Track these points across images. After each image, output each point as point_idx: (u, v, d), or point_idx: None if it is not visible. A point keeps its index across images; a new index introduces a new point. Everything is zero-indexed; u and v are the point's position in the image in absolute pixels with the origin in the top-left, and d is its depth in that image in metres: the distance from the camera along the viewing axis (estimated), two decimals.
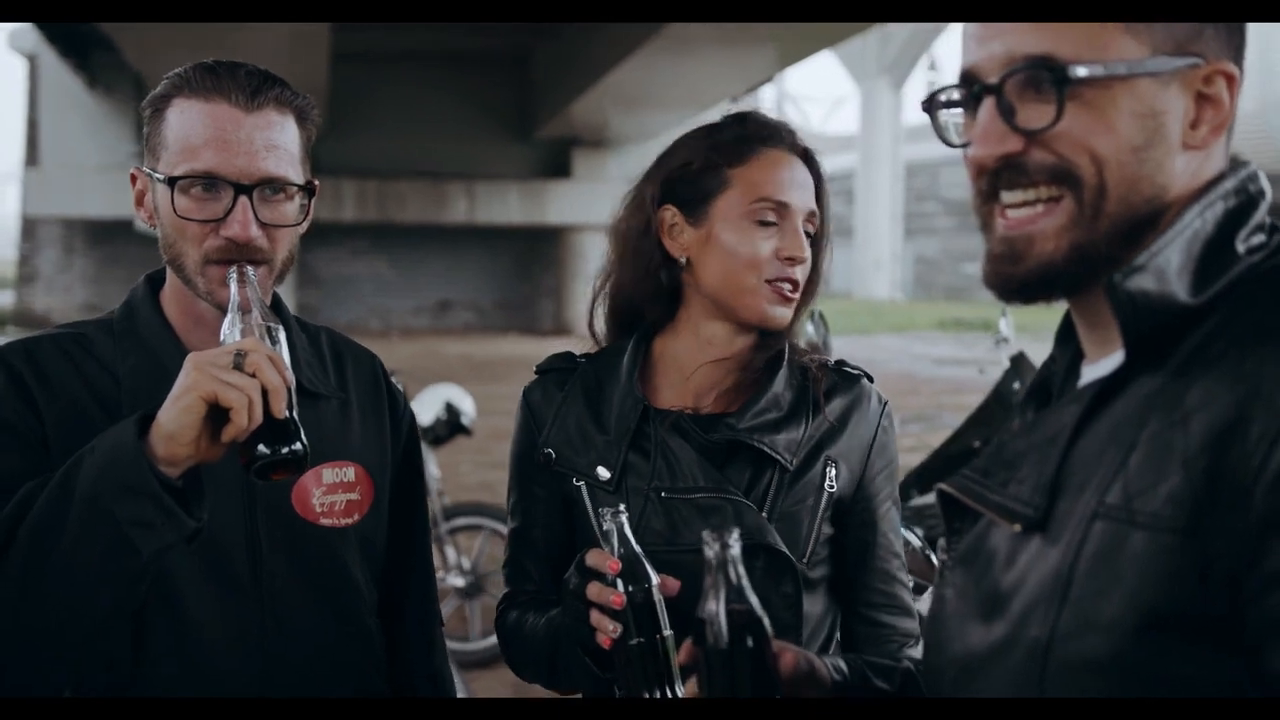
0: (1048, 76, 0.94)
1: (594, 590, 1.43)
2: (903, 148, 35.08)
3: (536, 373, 1.76)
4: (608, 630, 1.40)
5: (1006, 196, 0.98)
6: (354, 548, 1.63)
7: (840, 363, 1.72)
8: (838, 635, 1.70)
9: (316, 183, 1.59)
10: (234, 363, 1.31)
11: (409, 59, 20.96)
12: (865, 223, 36.36)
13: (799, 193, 1.63)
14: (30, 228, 23.44)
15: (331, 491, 1.61)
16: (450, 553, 5.44)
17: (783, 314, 1.63)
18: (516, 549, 1.74)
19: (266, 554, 1.55)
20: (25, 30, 22.10)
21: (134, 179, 1.59)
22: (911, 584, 1.75)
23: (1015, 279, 0.98)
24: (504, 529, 6.08)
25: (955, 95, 1.02)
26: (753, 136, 1.66)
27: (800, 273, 1.63)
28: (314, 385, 1.64)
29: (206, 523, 1.39)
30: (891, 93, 35.36)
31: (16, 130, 24.27)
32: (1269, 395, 0.83)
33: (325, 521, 1.60)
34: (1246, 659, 0.82)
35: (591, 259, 23.07)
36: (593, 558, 1.45)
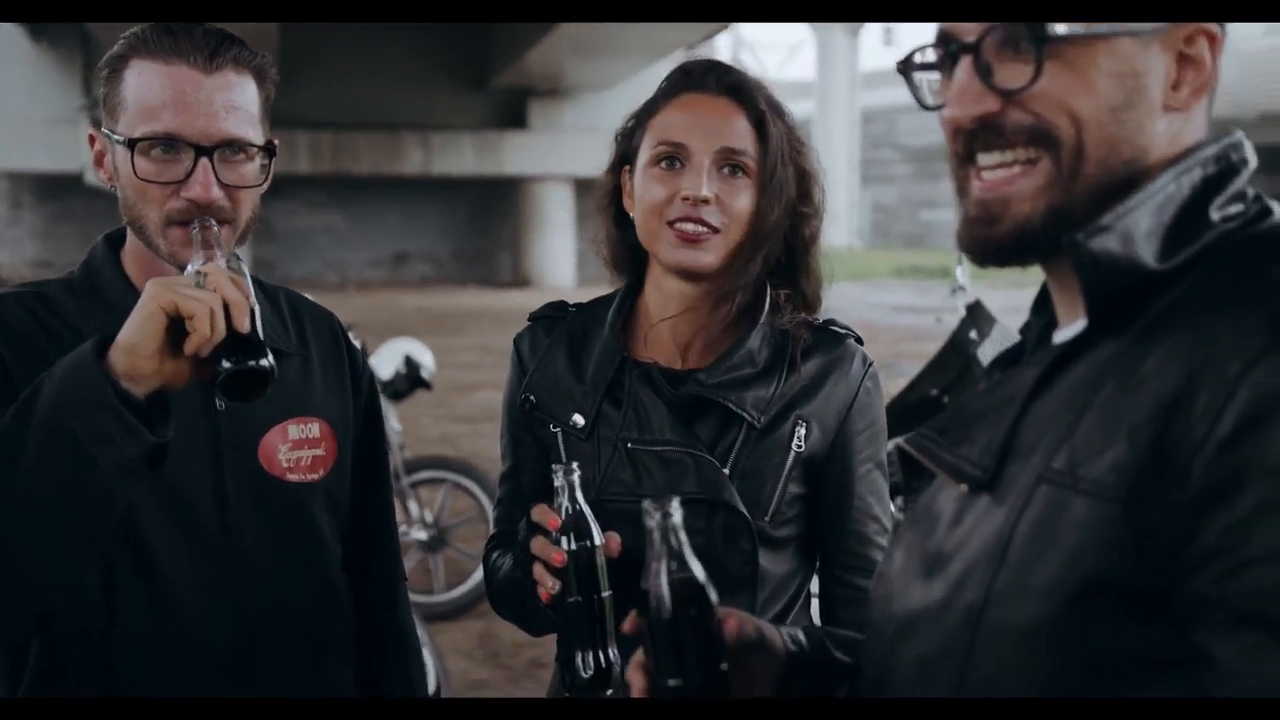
0: (1026, 34, 0.92)
1: (537, 545, 1.46)
2: (859, 94, 35.01)
3: (529, 319, 1.78)
4: (547, 585, 1.44)
5: (983, 159, 0.96)
6: (320, 503, 1.65)
7: (829, 321, 1.71)
8: (810, 596, 1.71)
9: (276, 143, 1.59)
10: (195, 281, 1.33)
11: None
12: (834, 169, 36.18)
13: (704, 132, 1.59)
14: None
15: (297, 447, 1.62)
16: (413, 506, 5.44)
17: (692, 257, 1.59)
18: (505, 492, 1.77)
19: (234, 509, 1.56)
20: None
21: (92, 140, 1.58)
22: None
23: (991, 242, 0.96)
24: (467, 483, 6.07)
25: (931, 56, 1.00)
26: (673, 85, 1.66)
27: (711, 214, 1.58)
28: (275, 342, 1.62)
29: (178, 489, 1.39)
30: (848, 39, 35.23)
31: None
32: (1219, 364, 0.80)
33: (292, 477, 1.62)
34: (1175, 635, 0.80)
35: (549, 210, 22.99)
36: (538, 513, 1.48)
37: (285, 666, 1.59)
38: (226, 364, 1.32)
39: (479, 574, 5.39)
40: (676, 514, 1.13)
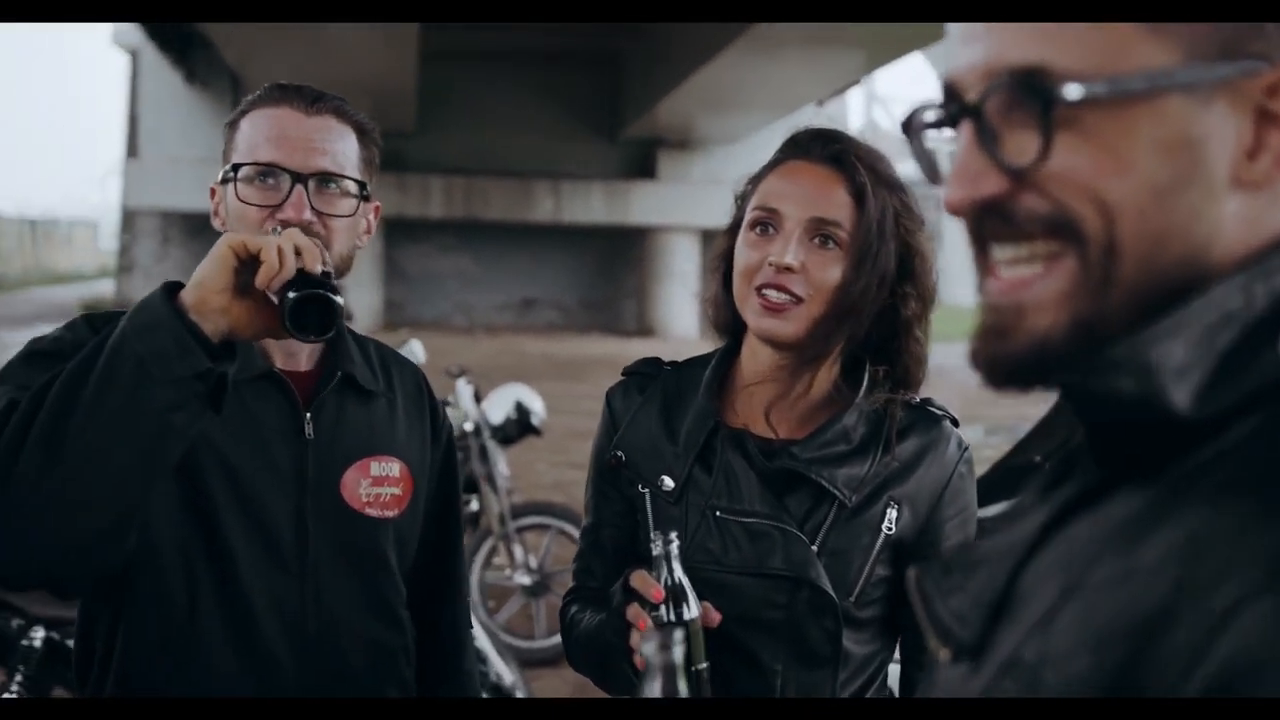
0: (1030, 97, 0.70)
1: (633, 613, 1.47)
2: None
3: (623, 375, 1.78)
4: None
5: (997, 252, 0.74)
6: (390, 540, 1.70)
7: (925, 401, 1.67)
8: (885, 679, 1.68)
9: (375, 204, 1.71)
10: (271, 230, 1.43)
11: (497, 58, 21.14)
12: (953, 227, 35.72)
13: (799, 201, 1.57)
14: (130, 219, 24.00)
15: (378, 484, 1.68)
16: (518, 551, 5.48)
17: (771, 325, 1.57)
18: (586, 545, 1.77)
19: (313, 533, 1.62)
20: (128, 27, 22.64)
21: (213, 193, 1.68)
22: None
23: (1003, 359, 0.73)
24: (571, 529, 6.13)
25: (935, 115, 0.78)
26: (781, 151, 1.65)
27: (796, 283, 1.55)
28: (366, 383, 1.72)
29: (260, 510, 1.52)
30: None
31: (118, 124, 24.91)
32: (1208, 587, 0.59)
33: (370, 512, 1.67)
34: None
35: (674, 260, 23.09)
36: (637, 580, 1.48)
37: (344, 689, 1.63)
38: (293, 294, 1.37)
39: None
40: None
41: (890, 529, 1.60)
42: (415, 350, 5.31)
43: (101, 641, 1.59)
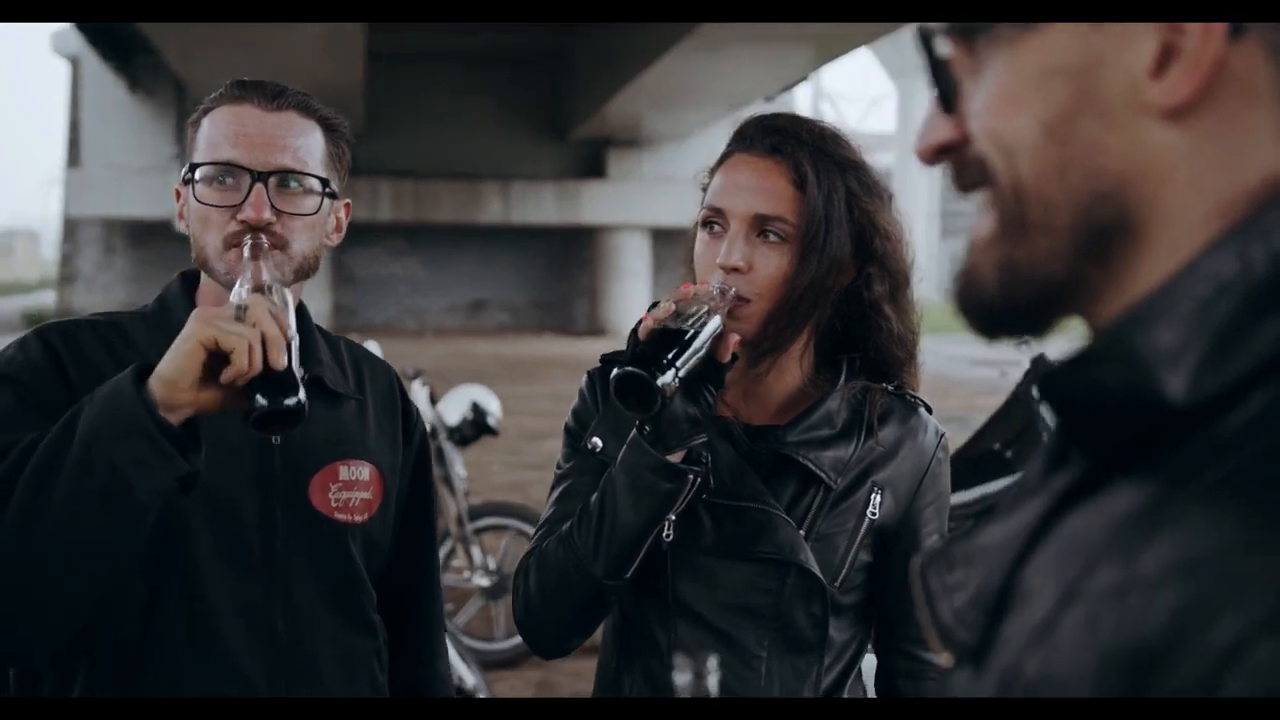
0: (921, 36, 0.69)
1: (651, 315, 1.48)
2: None
3: (601, 361, 1.72)
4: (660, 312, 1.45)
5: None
6: (359, 544, 1.67)
7: (900, 387, 1.65)
8: (860, 664, 1.67)
9: (345, 202, 1.67)
10: (235, 314, 1.36)
11: (444, 59, 21.06)
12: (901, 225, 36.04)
13: (743, 196, 1.54)
14: (72, 228, 23.67)
15: (346, 488, 1.65)
16: (475, 552, 5.44)
17: (728, 324, 1.51)
18: (552, 513, 1.65)
19: (280, 539, 1.59)
20: (68, 33, 22.31)
21: (178, 195, 1.65)
22: None
23: (958, 300, 0.71)
24: (529, 529, 6.09)
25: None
26: (728, 145, 1.62)
27: (742, 283, 1.52)
28: (335, 385, 1.69)
29: (227, 519, 1.46)
30: (930, 91, 35.17)
31: (59, 132, 24.61)
32: (1212, 616, 0.53)
33: (339, 516, 1.64)
34: None
35: (625, 259, 23.10)
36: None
37: (316, 695, 1.60)
38: (260, 400, 1.35)
39: None
40: None
41: (874, 514, 1.59)
42: (373, 350, 5.27)
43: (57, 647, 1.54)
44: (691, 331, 1.43)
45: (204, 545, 1.53)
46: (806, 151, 1.55)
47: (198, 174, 1.56)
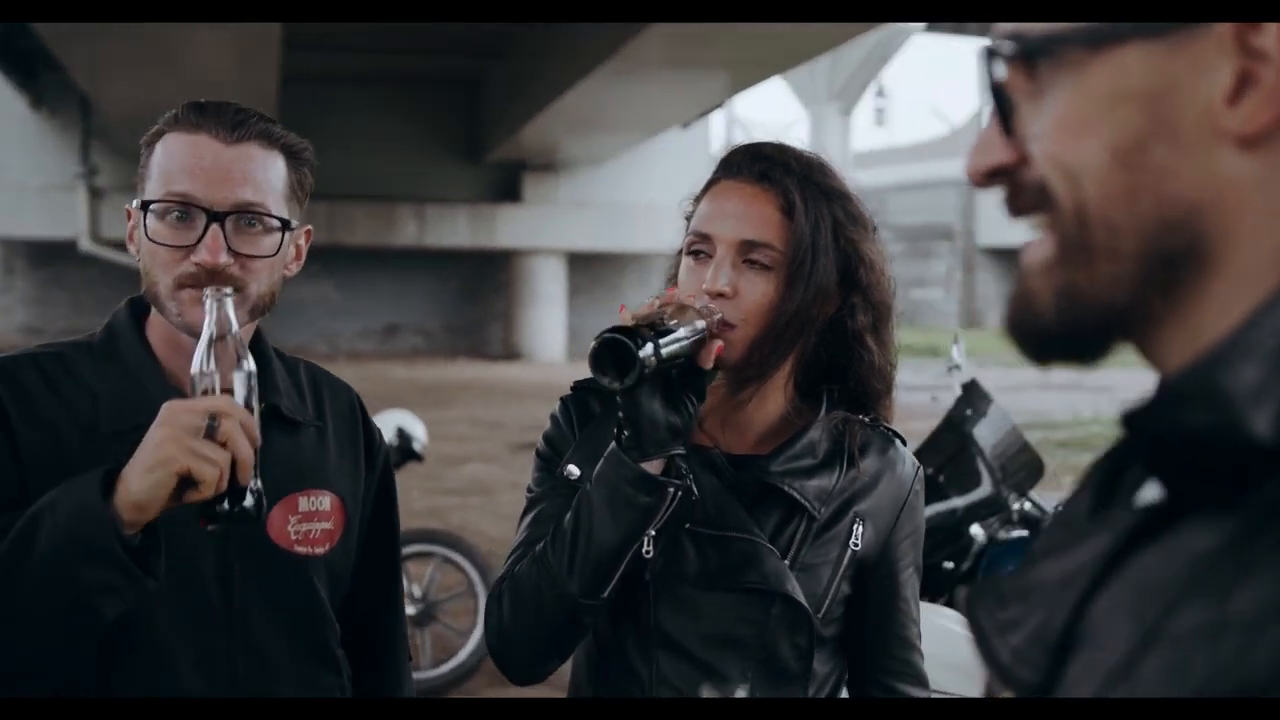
0: (987, 60, 0.68)
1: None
2: (851, 174, 35.42)
3: (573, 388, 1.70)
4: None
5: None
6: (322, 576, 1.62)
7: (876, 419, 1.65)
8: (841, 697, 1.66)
9: (306, 229, 1.62)
10: (207, 427, 1.31)
11: (359, 81, 20.87)
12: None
13: (730, 222, 1.54)
14: None
15: (306, 519, 1.60)
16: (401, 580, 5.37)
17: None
18: (526, 536, 1.60)
19: (239, 581, 1.54)
20: None
21: (129, 214, 1.58)
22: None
23: (1012, 323, 0.71)
24: (456, 557, 6.00)
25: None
26: (716, 171, 1.62)
27: (728, 308, 1.51)
28: (293, 413, 1.63)
29: (180, 559, 1.42)
30: (840, 119, 35.66)
31: None
32: None
33: (299, 549, 1.60)
34: None
35: (541, 283, 23.05)
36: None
37: None
38: (221, 508, 1.35)
39: (467, 649, 5.33)
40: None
41: (857, 545, 1.59)
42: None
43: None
44: (676, 322, 1.43)
45: (159, 593, 1.46)
46: (794, 179, 1.55)
47: (150, 209, 1.50)
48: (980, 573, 3.37)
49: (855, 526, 1.58)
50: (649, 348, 1.37)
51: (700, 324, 1.46)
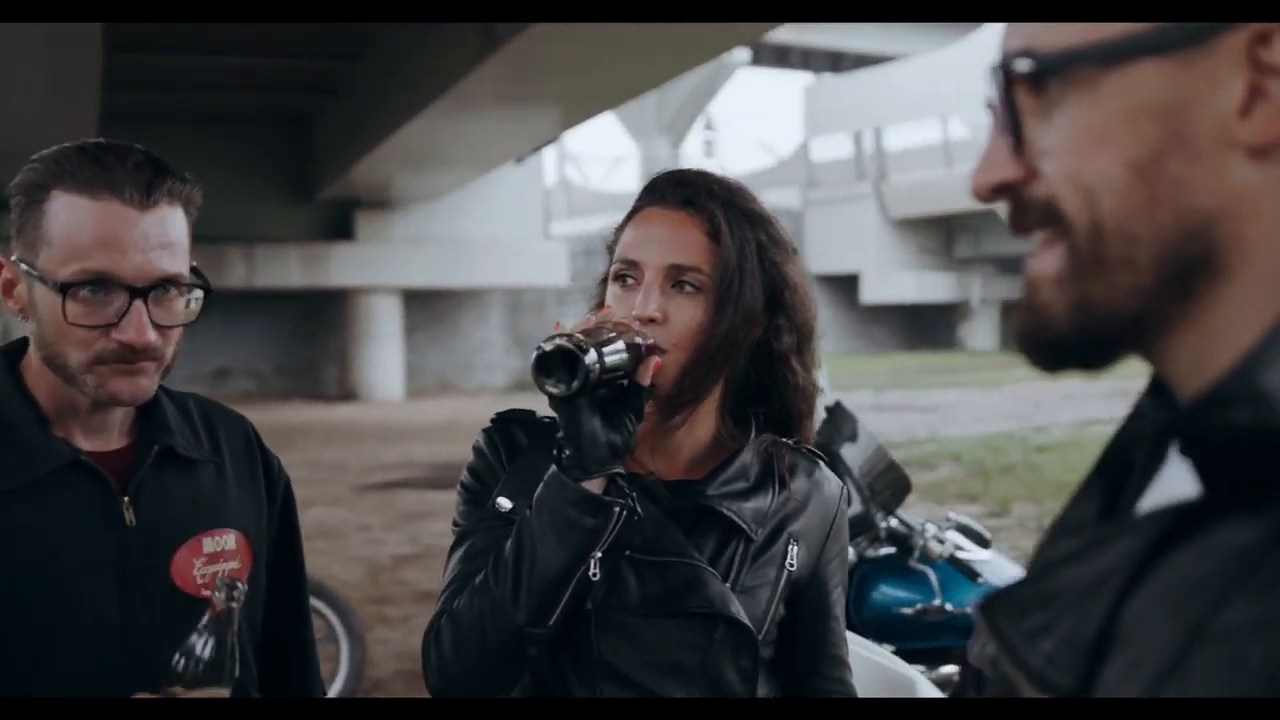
0: (999, 79, 0.70)
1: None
2: None
3: (498, 418, 1.67)
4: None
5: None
6: (238, 620, 1.56)
7: (799, 441, 1.66)
8: None
9: (210, 284, 1.52)
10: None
11: (182, 120, 20.30)
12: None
13: (657, 248, 1.54)
14: None
15: (212, 561, 1.55)
16: None
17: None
18: (461, 570, 1.57)
19: (145, 632, 1.47)
20: None
21: (1, 265, 1.48)
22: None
23: (1025, 334, 0.72)
24: (315, 602, 5.79)
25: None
26: (638, 199, 1.63)
27: (659, 333, 1.51)
28: (188, 451, 1.57)
29: (82, 614, 1.35)
30: (670, 151, 36.14)
31: None
32: None
33: (207, 594, 1.51)
34: None
35: (376, 322, 22.73)
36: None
37: None
38: None
39: (332, 694, 5.20)
40: (240, 599, 1.32)
41: (792, 565, 1.60)
42: None
43: None
44: (615, 335, 1.43)
45: (64, 652, 1.41)
46: (719, 204, 1.56)
47: (66, 290, 1.39)
48: (852, 590, 3.44)
49: (790, 547, 1.60)
50: (593, 354, 1.37)
51: (638, 339, 1.47)
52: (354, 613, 5.39)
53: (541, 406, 1.59)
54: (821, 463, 1.69)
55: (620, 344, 1.43)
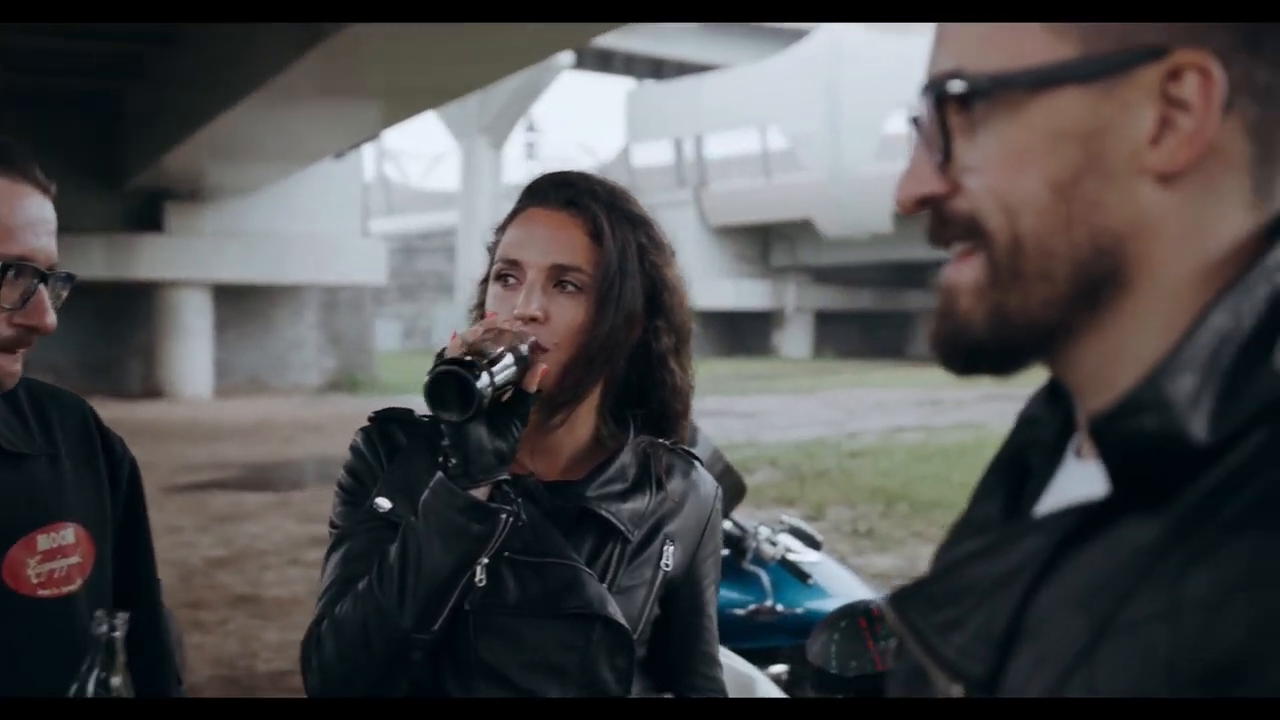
0: (930, 98, 0.74)
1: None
2: (502, 206, 35.73)
3: (372, 419, 1.65)
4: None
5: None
6: (81, 615, 1.49)
7: (676, 442, 1.69)
8: None
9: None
10: None
11: None
12: (467, 279, 36.44)
13: (539, 248, 1.56)
14: None
15: (49, 559, 1.48)
16: None
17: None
18: (341, 573, 1.55)
19: None
20: None
21: None
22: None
23: (941, 339, 0.77)
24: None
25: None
26: (520, 200, 1.63)
27: (541, 332, 1.52)
28: (15, 445, 1.50)
29: None
30: (491, 151, 35.97)
31: None
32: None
33: (44, 593, 1.47)
34: None
35: (185, 317, 21.98)
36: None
37: None
38: None
39: None
40: (121, 630, 1.21)
41: (668, 565, 1.62)
42: None
43: None
44: (504, 349, 1.44)
45: None
46: (601, 205, 1.58)
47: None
48: None
49: (665, 547, 1.62)
50: (485, 378, 1.38)
51: (523, 348, 1.47)
52: (168, 616, 5.20)
53: (419, 406, 1.57)
54: (697, 463, 1.71)
55: (509, 359, 1.44)
